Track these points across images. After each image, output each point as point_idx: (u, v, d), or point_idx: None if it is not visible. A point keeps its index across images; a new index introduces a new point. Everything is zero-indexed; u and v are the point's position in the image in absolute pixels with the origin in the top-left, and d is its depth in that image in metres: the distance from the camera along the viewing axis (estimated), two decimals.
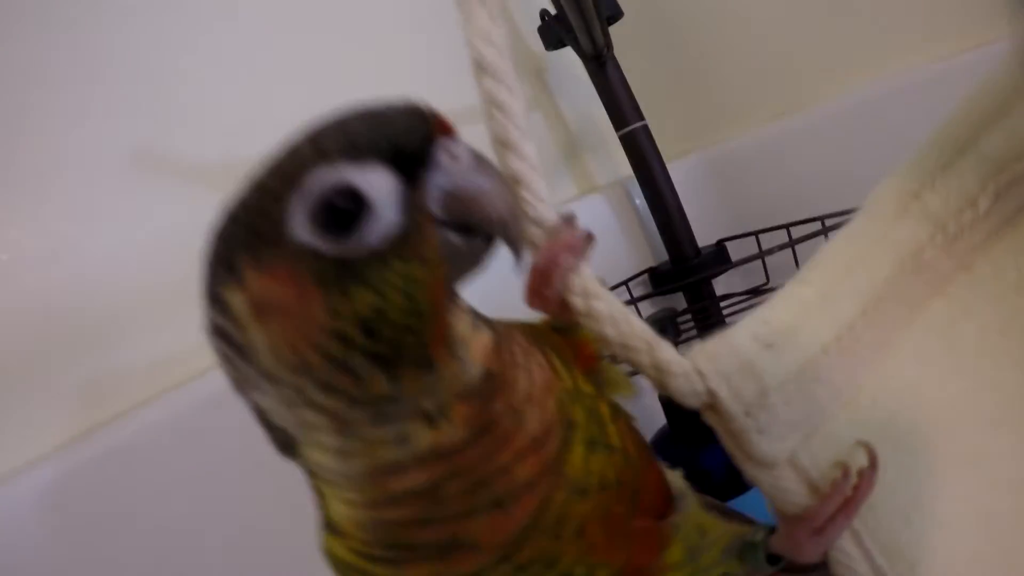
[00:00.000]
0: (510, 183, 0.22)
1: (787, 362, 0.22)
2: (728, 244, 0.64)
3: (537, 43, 0.66)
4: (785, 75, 0.67)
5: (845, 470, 0.22)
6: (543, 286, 0.22)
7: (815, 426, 0.22)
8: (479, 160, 0.18)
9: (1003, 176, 0.23)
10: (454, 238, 0.18)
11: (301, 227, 0.16)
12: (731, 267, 0.56)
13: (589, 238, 0.22)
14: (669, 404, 0.51)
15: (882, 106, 0.59)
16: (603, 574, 0.22)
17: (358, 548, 0.20)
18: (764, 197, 0.68)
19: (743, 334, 0.23)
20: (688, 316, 0.63)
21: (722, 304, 0.63)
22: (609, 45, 0.61)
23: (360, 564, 0.20)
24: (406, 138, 0.17)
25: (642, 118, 0.65)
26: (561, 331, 0.26)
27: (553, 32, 0.63)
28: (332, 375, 0.17)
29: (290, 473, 0.49)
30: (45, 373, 0.43)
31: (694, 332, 0.60)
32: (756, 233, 0.60)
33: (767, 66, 0.68)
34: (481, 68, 0.22)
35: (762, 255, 0.52)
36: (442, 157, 0.18)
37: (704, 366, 0.22)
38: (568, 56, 0.64)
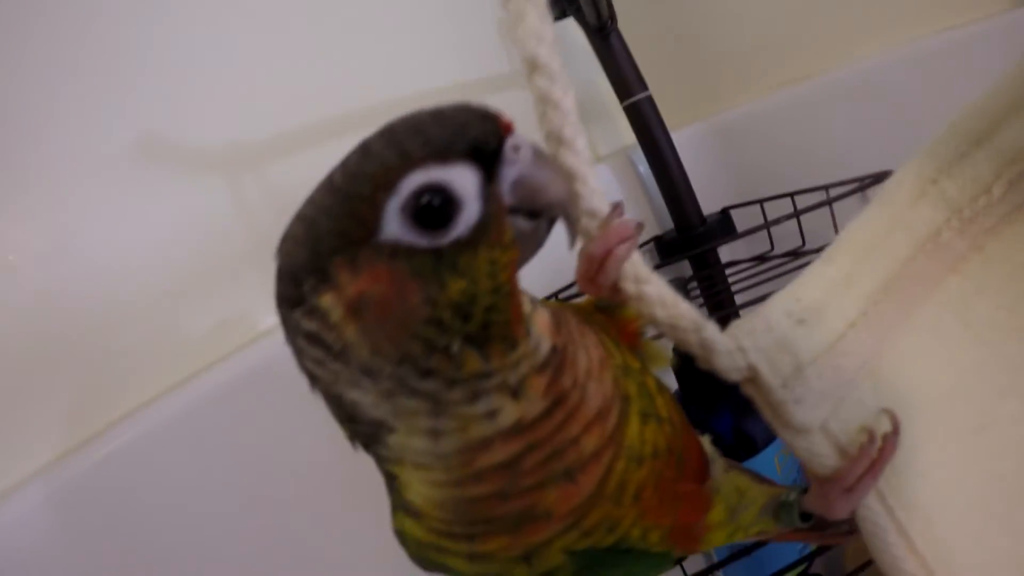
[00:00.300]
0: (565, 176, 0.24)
1: (818, 338, 0.25)
2: (733, 211, 0.67)
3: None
4: (790, 44, 0.69)
5: (871, 435, 0.25)
6: (598, 274, 0.24)
7: (844, 395, 0.25)
8: (537, 151, 0.21)
9: (1016, 167, 0.25)
10: (522, 223, 0.20)
11: (397, 226, 0.18)
12: (737, 237, 0.59)
13: (639, 227, 0.25)
14: (681, 372, 0.54)
15: (885, 77, 0.61)
16: (655, 535, 0.24)
17: (436, 527, 0.22)
18: (768, 165, 0.70)
19: (777, 311, 0.25)
20: (694, 283, 0.66)
21: (727, 271, 0.66)
22: (613, 16, 0.62)
23: (437, 541, 0.23)
24: (483, 138, 0.19)
25: (646, 88, 0.66)
26: (604, 310, 0.29)
27: (557, 3, 0.64)
28: (431, 360, 0.19)
29: (293, 468, 0.51)
30: (52, 371, 0.44)
31: (700, 299, 0.63)
32: (761, 201, 0.62)
33: (771, 35, 0.70)
34: (534, 67, 0.24)
35: (767, 224, 0.55)
36: (510, 151, 0.20)
37: (745, 342, 0.24)
38: (571, 27, 0.65)
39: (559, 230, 0.23)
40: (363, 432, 0.22)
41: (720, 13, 0.73)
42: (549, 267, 0.29)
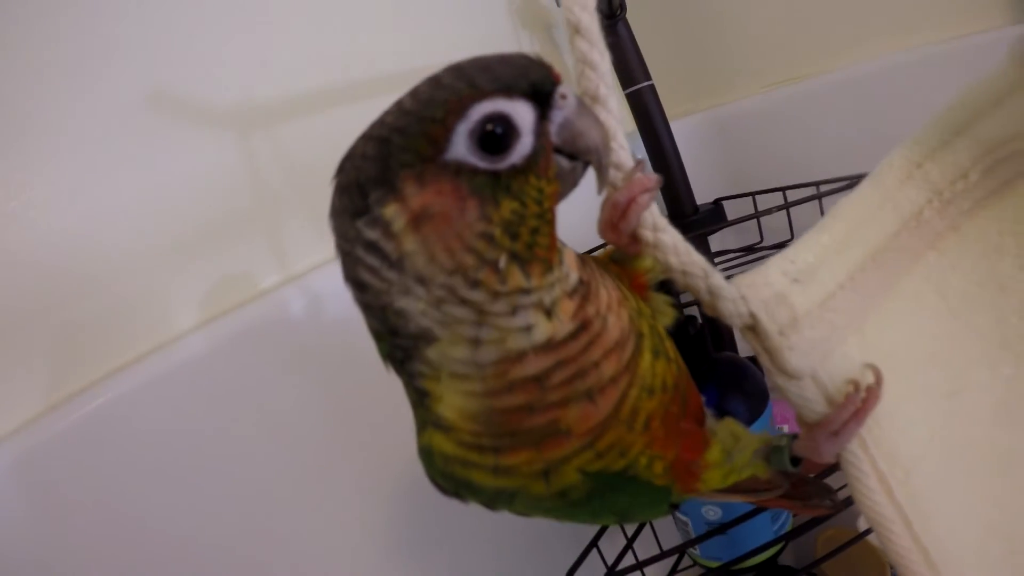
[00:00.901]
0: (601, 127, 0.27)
1: (811, 294, 0.29)
2: (725, 203, 0.71)
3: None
4: (790, 45, 0.74)
5: (856, 385, 0.28)
6: (620, 220, 0.28)
7: (832, 347, 0.29)
8: (581, 102, 0.24)
9: (991, 156, 0.29)
10: (563, 162, 0.24)
11: (463, 148, 0.22)
12: (728, 225, 0.63)
13: (659, 180, 0.28)
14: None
15: (881, 82, 0.66)
16: (659, 466, 0.28)
17: (465, 440, 0.25)
18: (762, 160, 0.75)
19: (774, 270, 0.29)
20: None
21: (717, 260, 0.70)
22: (623, 6, 0.66)
23: (465, 455, 0.25)
24: (541, 80, 0.23)
25: (649, 78, 0.70)
26: (618, 262, 0.32)
27: None
28: (481, 272, 0.22)
29: (273, 433, 0.53)
30: (54, 315, 0.46)
31: None
32: (753, 194, 0.66)
33: (773, 34, 0.74)
34: (577, 31, 0.28)
35: (758, 215, 0.59)
36: (558, 98, 0.24)
37: (747, 293, 0.28)
38: None
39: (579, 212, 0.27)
40: (401, 347, 0.25)
41: (725, 10, 0.78)
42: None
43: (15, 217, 0.45)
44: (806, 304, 0.28)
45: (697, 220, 0.71)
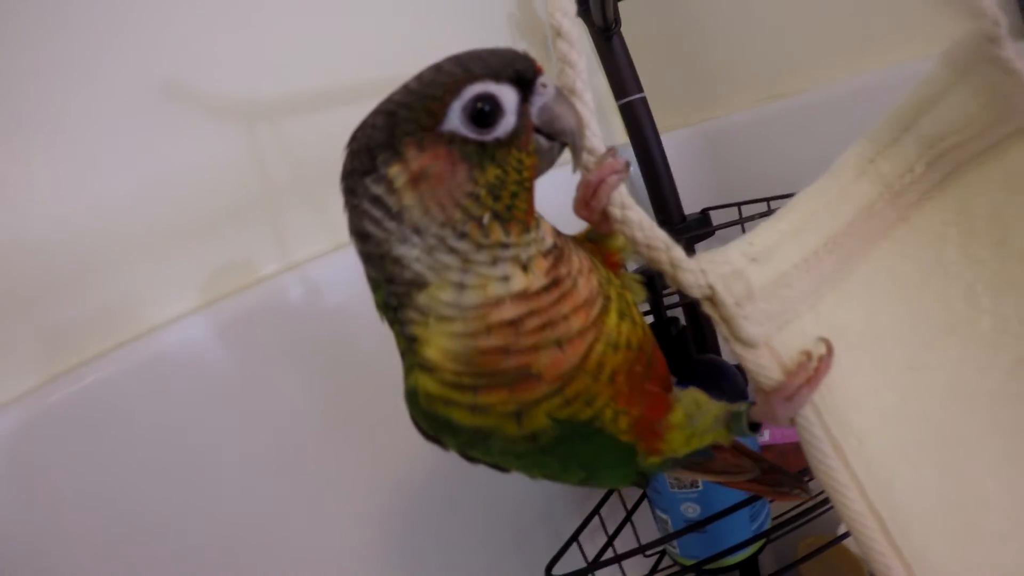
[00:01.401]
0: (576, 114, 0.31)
1: (766, 272, 0.32)
2: (712, 213, 0.75)
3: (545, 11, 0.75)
4: (778, 63, 0.78)
5: (808, 355, 0.31)
6: (592, 198, 0.31)
7: (787, 320, 0.32)
8: (559, 91, 0.29)
9: (932, 151, 0.33)
10: (542, 141, 0.28)
11: (457, 121, 0.26)
12: (712, 232, 0.66)
13: (627, 165, 0.32)
14: None
15: (862, 99, 0.70)
16: (624, 421, 0.31)
17: (447, 379, 0.29)
18: (748, 173, 0.79)
19: (734, 250, 0.32)
20: None
21: None
22: (618, 20, 0.70)
23: (446, 394, 0.29)
24: (524, 70, 0.27)
25: (641, 90, 0.74)
26: (592, 241, 0.36)
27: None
28: (467, 226, 0.27)
29: (264, 418, 0.55)
30: (56, 295, 0.49)
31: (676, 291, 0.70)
32: (738, 204, 0.70)
33: (762, 53, 0.79)
34: (558, 34, 0.31)
35: (742, 222, 0.63)
36: (539, 86, 0.28)
37: (707, 267, 0.31)
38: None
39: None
40: (395, 294, 0.28)
41: (716, 28, 0.82)
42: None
43: (19, 198, 0.48)
44: (761, 280, 0.32)
45: (684, 228, 0.74)
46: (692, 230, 0.74)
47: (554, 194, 0.34)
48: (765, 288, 0.32)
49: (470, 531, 0.66)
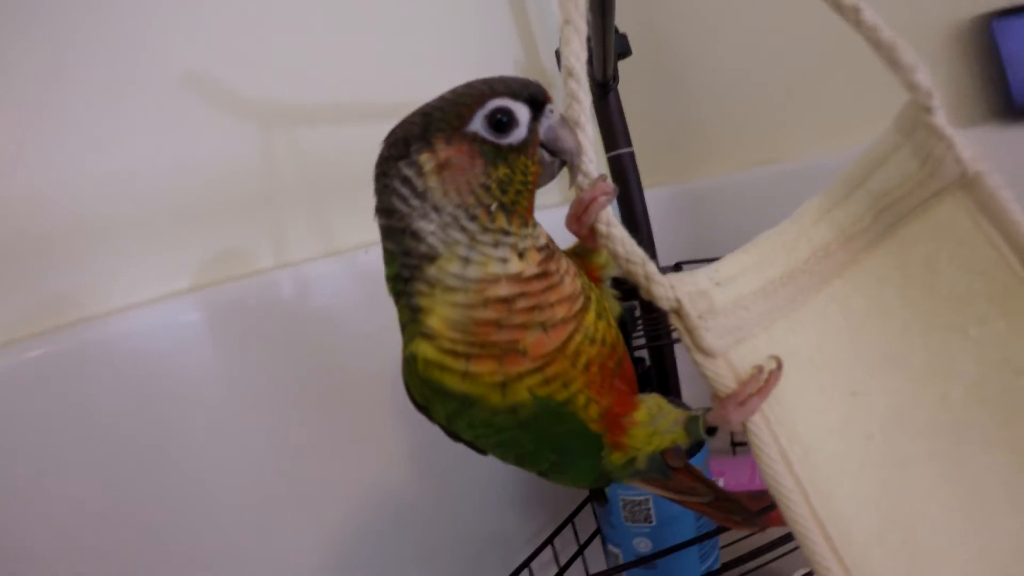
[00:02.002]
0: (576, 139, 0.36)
1: (727, 294, 0.37)
2: (684, 267, 0.81)
3: (549, 62, 0.82)
4: (759, 134, 0.86)
5: (760, 368, 0.36)
6: (583, 214, 0.36)
7: (743, 337, 0.37)
8: (563, 118, 0.35)
9: (880, 203, 0.38)
10: (545, 155, 0.34)
11: (479, 125, 0.32)
12: None
13: (615, 189, 0.37)
14: None
15: (830, 174, 0.78)
16: (594, 409, 0.36)
17: (444, 346, 0.33)
18: (722, 232, 0.85)
19: (701, 275, 0.37)
20: (640, 321, 0.78)
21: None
22: (616, 78, 0.77)
23: (441, 359, 0.33)
24: (537, 94, 0.34)
25: (630, 145, 0.81)
26: (578, 255, 0.40)
27: None
28: (477, 210, 0.32)
29: (242, 401, 0.58)
30: (53, 258, 0.52)
31: (643, 331, 0.75)
32: (711, 260, 0.75)
33: (746, 124, 0.87)
34: (570, 74, 0.37)
35: None
36: (548, 111, 0.34)
37: (675, 284, 0.36)
38: None
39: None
40: (408, 266, 0.33)
41: (706, 97, 0.91)
42: None
43: (37, 161, 0.51)
44: (723, 300, 0.37)
45: None
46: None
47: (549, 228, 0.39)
48: (725, 307, 0.37)
49: (418, 551, 0.68)
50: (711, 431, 0.38)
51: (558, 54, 0.83)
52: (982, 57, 0.76)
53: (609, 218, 0.36)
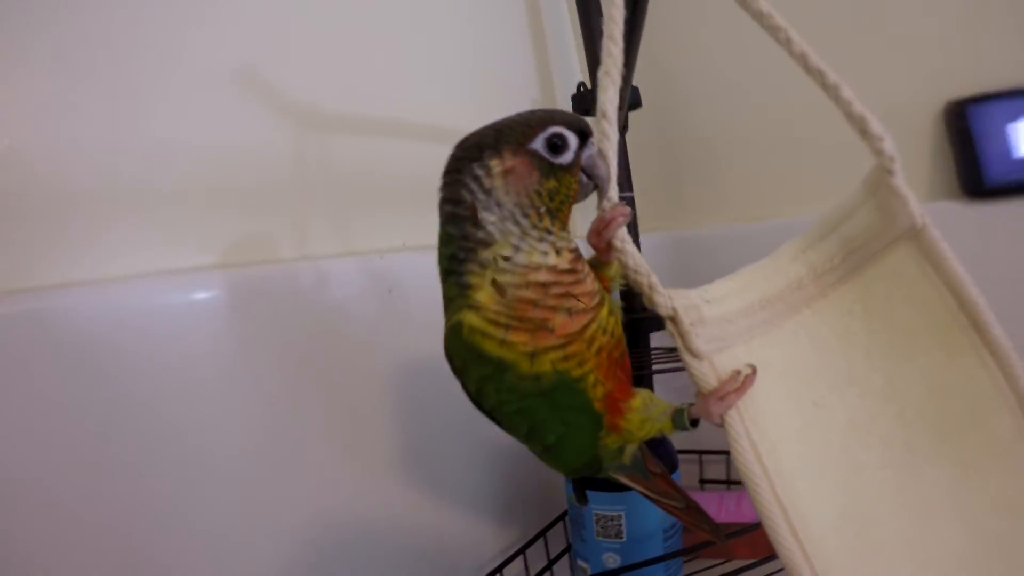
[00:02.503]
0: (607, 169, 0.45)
1: (715, 310, 0.45)
2: None
3: (563, 104, 0.93)
4: (752, 192, 0.97)
5: (738, 371, 0.44)
6: (604, 230, 0.44)
7: (726, 346, 0.45)
8: (600, 151, 0.43)
9: (848, 247, 0.47)
10: (583, 178, 0.43)
11: (540, 145, 0.41)
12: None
13: (630, 213, 0.46)
14: None
15: None
16: (600, 390, 0.44)
17: (488, 316, 0.41)
18: (710, 279, 0.95)
19: (693, 293, 0.46)
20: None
21: (653, 354, 0.88)
22: (625, 127, 0.87)
23: (483, 327, 0.41)
24: (586, 130, 0.43)
25: (631, 190, 0.90)
26: (593, 267, 0.49)
27: (583, 102, 0.89)
28: (529, 210, 0.41)
29: (243, 385, 0.63)
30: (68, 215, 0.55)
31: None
32: None
33: (740, 181, 0.98)
34: (603, 116, 0.45)
35: None
36: (589, 144, 0.43)
37: (673, 295, 0.45)
38: None
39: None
40: (464, 248, 0.42)
41: (705, 153, 1.02)
42: None
43: (85, 124, 0.56)
44: (711, 314, 0.45)
45: (645, 318, 0.89)
46: (651, 320, 0.88)
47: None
48: (712, 319, 0.45)
49: (395, 553, 0.73)
50: (694, 423, 0.46)
51: (573, 99, 0.94)
52: (958, 138, 0.87)
53: (623, 235, 0.45)
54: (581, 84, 0.90)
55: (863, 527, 0.44)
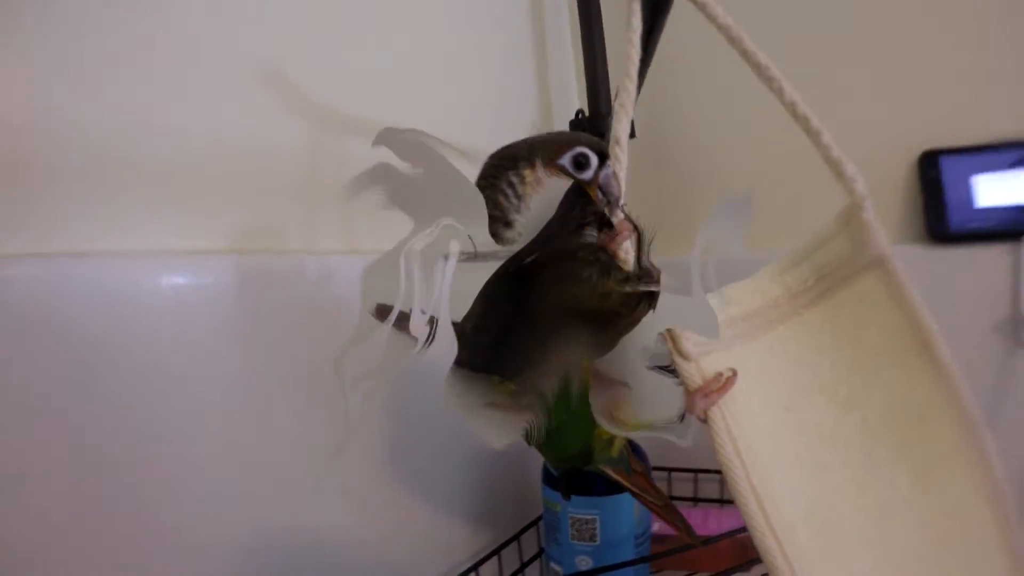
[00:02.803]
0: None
1: None
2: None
3: (561, 127, 1.00)
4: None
5: (720, 373, 0.51)
6: (612, 242, 0.51)
7: (710, 351, 0.51)
8: (615, 172, 0.50)
9: (820, 271, 0.55)
10: (599, 194, 0.49)
11: (567, 161, 0.48)
12: None
13: (635, 228, 0.52)
14: None
15: None
16: None
17: None
18: None
19: None
20: None
21: None
22: None
23: None
24: (604, 152, 0.49)
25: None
26: None
27: (580, 128, 0.96)
28: (565, 210, 0.47)
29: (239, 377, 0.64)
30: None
31: None
32: None
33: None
34: (616, 142, 0.53)
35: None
36: (608, 164, 0.49)
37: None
38: None
39: None
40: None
41: (693, 182, 1.10)
42: None
43: (112, 101, 0.57)
44: None
45: None
46: None
47: None
48: None
49: (371, 549, 0.75)
50: (681, 416, 0.53)
51: (571, 124, 1.01)
52: (928, 186, 0.97)
53: (628, 247, 0.52)
54: (580, 111, 0.97)
55: (828, 520, 0.50)
